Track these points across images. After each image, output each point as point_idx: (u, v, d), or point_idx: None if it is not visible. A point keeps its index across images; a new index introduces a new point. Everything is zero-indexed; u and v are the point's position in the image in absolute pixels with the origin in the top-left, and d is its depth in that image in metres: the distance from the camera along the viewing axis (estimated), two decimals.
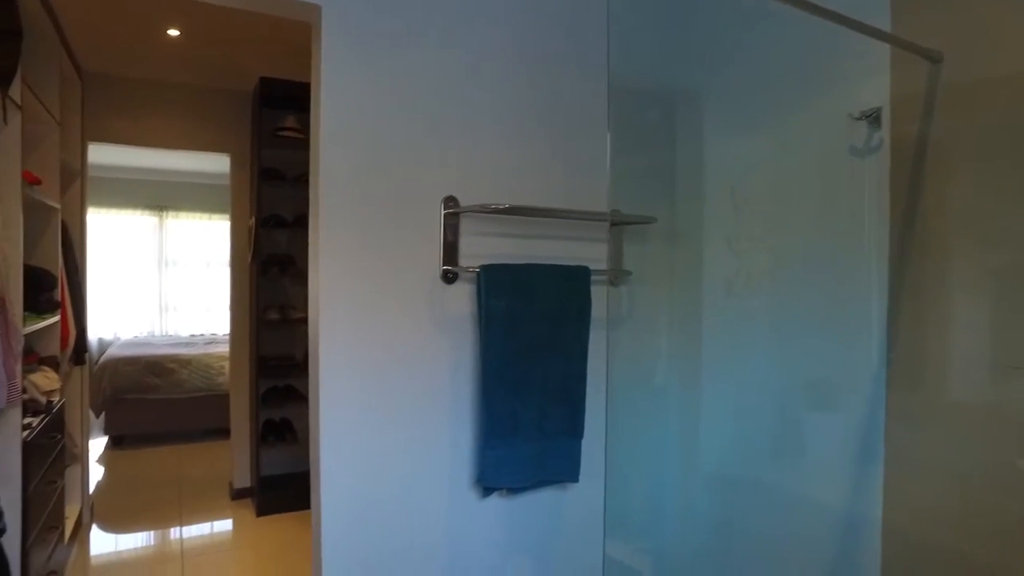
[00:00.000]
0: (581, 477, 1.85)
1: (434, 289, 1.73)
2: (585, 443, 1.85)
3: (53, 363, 2.79)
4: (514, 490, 1.79)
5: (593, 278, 1.84)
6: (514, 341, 1.68)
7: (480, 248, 1.78)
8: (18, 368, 2.02)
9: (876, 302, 1.81)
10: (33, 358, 2.65)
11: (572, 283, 1.79)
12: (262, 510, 3.58)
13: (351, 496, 1.66)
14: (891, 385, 1.78)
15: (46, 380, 2.56)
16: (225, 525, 3.56)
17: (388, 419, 1.68)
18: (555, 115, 1.88)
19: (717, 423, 2.15)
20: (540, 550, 1.89)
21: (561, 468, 1.80)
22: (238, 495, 3.82)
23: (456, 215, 1.74)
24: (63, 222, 3.01)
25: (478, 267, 1.68)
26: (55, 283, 2.75)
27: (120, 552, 3.26)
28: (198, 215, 7.48)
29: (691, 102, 2.17)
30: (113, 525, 3.55)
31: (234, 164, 3.82)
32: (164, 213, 7.38)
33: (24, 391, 2.32)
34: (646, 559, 2.22)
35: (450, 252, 1.73)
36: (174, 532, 3.45)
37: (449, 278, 1.73)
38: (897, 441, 1.76)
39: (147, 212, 7.31)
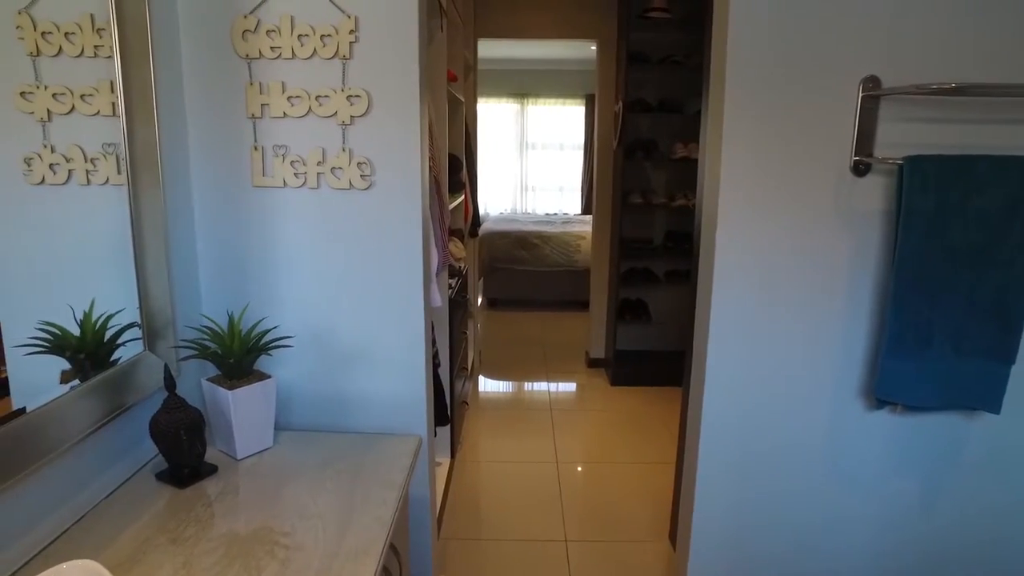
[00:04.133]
0: (1004, 409, 1.59)
1: (841, 181, 1.58)
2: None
3: (459, 235, 3.33)
4: (911, 408, 1.63)
5: None
6: (938, 244, 1.47)
7: (901, 136, 1.55)
8: (447, 238, 2.46)
9: None
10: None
11: None
12: (616, 380, 3.92)
13: (733, 379, 1.70)
14: None
15: (457, 249, 3.08)
16: (583, 387, 4.00)
17: (778, 310, 1.65)
18: None
19: None
20: (930, 481, 1.72)
21: (978, 394, 1.57)
22: (593, 363, 4.23)
23: (876, 98, 1.53)
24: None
25: (901, 158, 1.47)
26: (461, 166, 3.23)
27: (502, 393, 3.93)
28: (554, 101, 7.97)
29: None
30: (495, 371, 4.27)
31: (600, 50, 3.91)
32: (525, 100, 8.02)
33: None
34: None
35: (865, 140, 1.54)
36: (541, 385, 4.01)
37: (860, 170, 1.56)
38: None
39: (510, 100, 8.03)
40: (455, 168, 3.06)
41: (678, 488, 2.09)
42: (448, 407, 2.62)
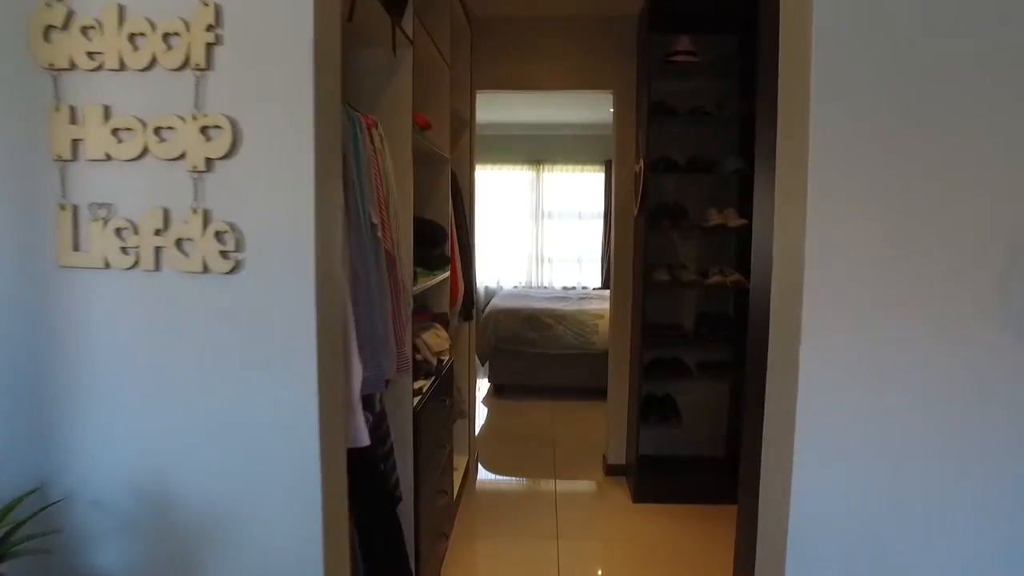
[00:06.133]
0: None
1: (1015, 261, 0.94)
2: None
3: (444, 320, 2.72)
4: None
5: None
6: None
7: None
8: (407, 332, 1.84)
9: None
10: (425, 316, 2.59)
11: None
12: (639, 495, 3.17)
13: (831, 520, 1.06)
14: None
15: (437, 339, 2.46)
16: (599, 505, 3.28)
17: (907, 461, 1.00)
18: None
19: None
20: None
21: None
22: (612, 471, 3.50)
23: None
24: (452, 173, 2.92)
25: None
26: (446, 237, 2.65)
27: (499, 509, 3.22)
28: (571, 167, 7.51)
29: None
30: (493, 475, 3.59)
31: (618, 102, 3.37)
32: (540, 167, 7.57)
33: (417, 351, 2.21)
34: None
35: None
36: (548, 499, 3.29)
37: None
38: None
39: (525, 167, 7.57)
40: (436, 239, 2.48)
41: None
42: (412, 558, 1.93)
